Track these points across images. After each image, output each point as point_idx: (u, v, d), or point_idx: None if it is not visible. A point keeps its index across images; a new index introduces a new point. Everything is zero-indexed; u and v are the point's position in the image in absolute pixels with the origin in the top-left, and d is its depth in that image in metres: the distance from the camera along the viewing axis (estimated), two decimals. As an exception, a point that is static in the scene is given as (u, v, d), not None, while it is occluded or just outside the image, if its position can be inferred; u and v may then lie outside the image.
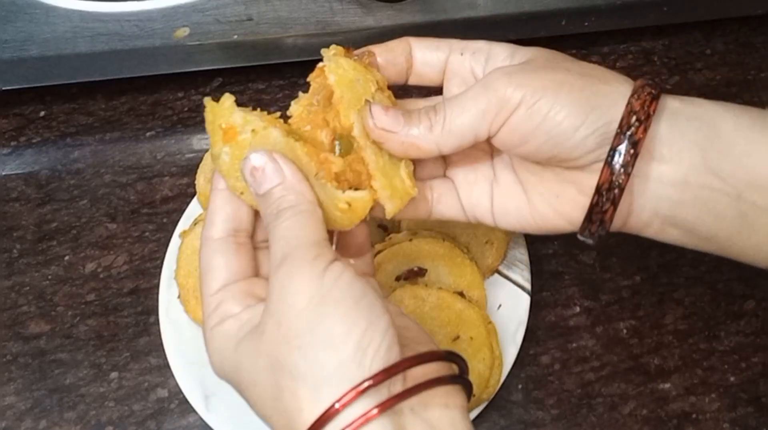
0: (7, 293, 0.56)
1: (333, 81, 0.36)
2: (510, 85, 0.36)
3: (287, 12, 0.56)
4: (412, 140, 0.36)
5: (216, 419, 0.50)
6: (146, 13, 0.54)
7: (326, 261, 0.33)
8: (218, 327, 0.35)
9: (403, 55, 0.41)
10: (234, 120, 0.35)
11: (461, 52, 0.40)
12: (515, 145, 0.37)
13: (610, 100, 0.36)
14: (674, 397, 0.53)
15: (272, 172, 0.34)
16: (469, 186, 0.42)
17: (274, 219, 0.34)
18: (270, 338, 0.32)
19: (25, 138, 0.63)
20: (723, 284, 0.57)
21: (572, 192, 0.38)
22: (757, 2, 0.65)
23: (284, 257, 0.33)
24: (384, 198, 0.36)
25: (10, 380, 0.53)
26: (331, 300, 0.31)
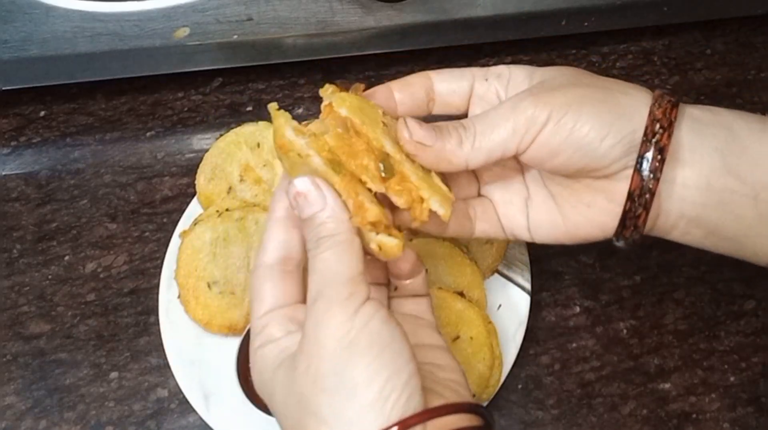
0: (7, 293, 0.56)
1: (346, 113, 0.37)
2: (537, 104, 0.37)
3: (287, 12, 0.56)
4: (445, 154, 0.38)
5: (216, 419, 0.50)
6: (146, 13, 0.54)
7: (359, 301, 0.34)
8: (260, 350, 0.36)
9: (423, 89, 0.42)
10: (286, 139, 0.37)
11: (485, 78, 0.42)
12: (545, 159, 0.39)
13: (632, 110, 0.38)
14: (674, 397, 0.53)
15: (315, 198, 0.35)
16: (505, 205, 0.43)
17: (314, 248, 0.35)
18: (301, 375, 0.33)
19: (25, 138, 0.63)
20: (723, 284, 0.57)
21: (603, 201, 0.40)
22: (757, 2, 0.65)
23: (319, 293, 0.34)
24: (435, 204, 0.37)
25: (10, 380, 0.53)
26: (358, 345, 0.32)
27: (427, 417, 0.33)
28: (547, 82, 0.40)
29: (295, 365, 0.34)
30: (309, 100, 0.65)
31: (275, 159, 0.56)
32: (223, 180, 0.56)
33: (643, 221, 0.39)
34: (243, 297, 0.52)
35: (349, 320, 0.33)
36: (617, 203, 0.39)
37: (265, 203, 0.55)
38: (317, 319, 0.33)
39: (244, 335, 0.50)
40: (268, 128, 0.57)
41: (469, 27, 0.60)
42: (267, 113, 0.63)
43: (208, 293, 0.52)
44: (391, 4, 0.57)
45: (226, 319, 0.52)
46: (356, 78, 0.66)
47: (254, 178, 0.56)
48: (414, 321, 0.41)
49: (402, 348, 0.33)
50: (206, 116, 0.64)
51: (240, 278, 0.52)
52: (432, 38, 0.61)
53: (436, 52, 0.66)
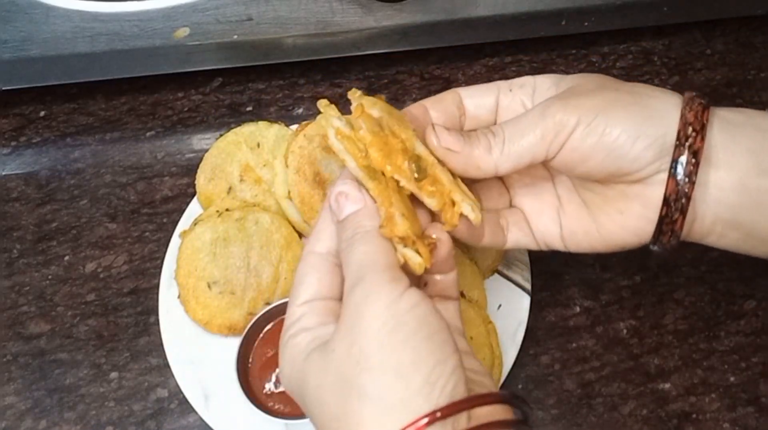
0: (7, 293, 0.56)
1: (378, 113, 0.38)
2: (566, 109, 0.38)
3: (287, 12, 0.56)
4: (474, 160, 0.38)
5: (216, 419, 0.50)
6: (146, 13, 0.54)
7: (403, 286, 0.33)
8: (292, 339, 0.35)
9: (454, 104, 0.43)
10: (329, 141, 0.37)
11: (509, 89, 0.43)
12: (576, 164, 0.38)
13: (662, 111, 0.38)
14: (674, 397, 0.53)
15: (355, 198, 0.36)
16: (537, 214, 0.43)
17: (350, 244, 0.35)
18: (341, 357, 0.32)
19: (25, 138, 0.63)
20: (723, 284, 0.57)
21: (636, 207, 0.39)
22: (757, 2, 0.65)
23: (359, 279, 0.34)
24: (467, 209, 0.37)
25: (10, 380, 0.53)
26: (405, 329, 0.32)
27: (476, 403, 0.32)
28: (576, 88, 0.40)
29: (333, 349, 0.33)
30: (309, 100, 0.65)
31: (275, 159, 0.56)
32: (223, 180, 0.56)
33: (680, 226, 0.39)
34: (243, 297, 0.52)
35: (394, 303, 0.32)
36: (652, 209, 0.39)
37: (265, 203, 0.55)
38: (359, 300, 0.33)
39: (244, 335, 0.50)
40: (268, 128, 0.57)
41: (469, 27, 0.60)
42: (267, 113, 0.64)
43: (208, 293, 0.52)
44: (391, 4, 0.57)
45: (226, 319, 0.52)
46: (356, 78, 0.66)
47: (254, 178, 0.56)
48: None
49: (448, 337, 0.33)
50: (206, 116, 0.64)
51: (240, 278, 0.52)
52: (432, 38, 0.61)
53: (436, 52, 0.66)
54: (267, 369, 0.50)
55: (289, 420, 0.49)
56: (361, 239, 0.35)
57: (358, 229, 0.35)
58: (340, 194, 0.37)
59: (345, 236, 0.36)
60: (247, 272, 0.52)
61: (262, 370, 0.50)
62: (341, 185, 0.37)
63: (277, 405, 0.50)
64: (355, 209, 0.36)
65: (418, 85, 0.65)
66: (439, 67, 0.67)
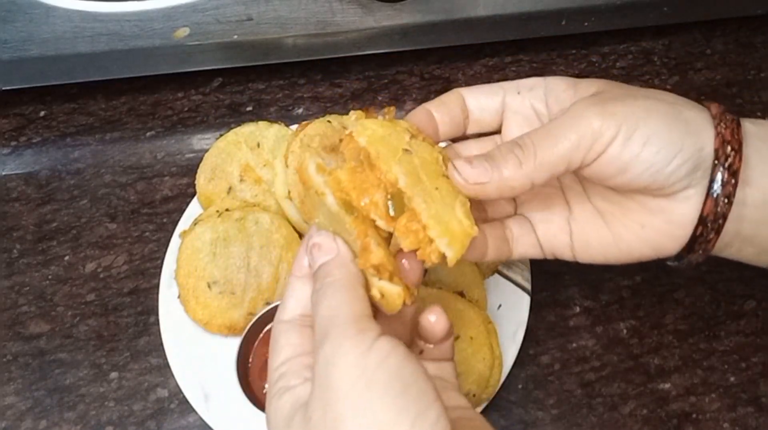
0: (7, 293, 0.56)
1: (365, 142, 0.36)
2: (604, 116, 0.35)
3: (287, 12, 0.56)
4: (506, 182, 0.36)
5: (216, 419, 0.50)
6: (146, 13, 0.54)
7: (371, 337, 0.31)
8: (275, 400, 0.34)
9: (458, 107, 0.41)
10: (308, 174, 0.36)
11: (517, 91, 0.41)
12: (611, 175, 0.37)
13: (698, 126, 0.36)
14: (674, 397, 0.53)
15: (327, 249, 0.35)
16: (545, 223, 0.42)
17: (317, 297, 0.34)
18: (317, 423, 0.31)
19: (25, 138, 0.63)
20: (723, 284, 0.57)
21: (658, 222, 0.38)
22: (757, 2, 0.65)
23: (325, 334, 0.32)
24: (443, 245, 0.34)
25: (10, 380, 0.53)
26: (377, 384, 0.30)
27: None
28: (606, 94, 0.38)
29: (309, 415, 0.31)
30: (309, 100, 0.65)
31: (275, 159, 0.56)
32: (223, 180, 0.56)
33: (713, 245, 0.37)
34: (243, 297, 0.52)
35: (363, 357, 0.30)
36: (676, 225, 0.38)
37: (264, 203, 0.55)
38: (326, 358, 0.31)
39: (244, 335, 0.50)
40: (268, 128, 0.57)
41: (469, 27, 0.60)
42: (267, 113, 0.64)
43: (208, 293, 0.52)
44: (391, 4, 0.57)
45: (226, 319, 0.52)
46: (356, 78, 0.66)
47: (254, 178, 0.56)
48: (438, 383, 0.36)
49: (426, 387, 0.31)
50: (206, 116, 0.64)
51: (240, 278, 0.52)
52: (432, 38, 0.61)
53: (436, 52, 0.66)
54: (267, 369, 0.50)
55: (289, 420, 0.49)
56: (328, 289, 0.34)
57: (326, 278, 0.34)
58: (314, 246, 0.35)
59: (315, 289, 0.35)
60: (247, 272, 0.52)
61: (262, 370, 0.50)
62: (316, 237, 0.36)
63: (277, 405, 0.50)
64: (326, 259, 0.35)
65: (418, 85, 0.65)
66: (439, 67, 0.67)
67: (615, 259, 0.40)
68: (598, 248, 0.40)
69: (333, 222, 0.36)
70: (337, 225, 0.36)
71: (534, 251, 0.42)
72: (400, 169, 0.35)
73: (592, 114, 0.36)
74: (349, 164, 0.36)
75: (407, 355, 0.31)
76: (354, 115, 0.39)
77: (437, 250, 0.34)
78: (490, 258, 0.41)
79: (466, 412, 0.37)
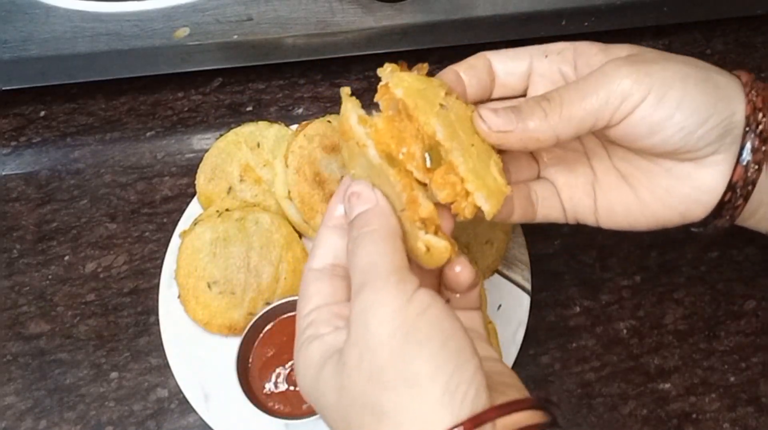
0: (7, 293, 0.56)
1: (401, 94, 0.35)
2: (637, 75, 0.35)
3: (287, 12, 0.56)
4: (530, 133, 0.36)
5: (216, 419, 0.50)
6: (146, 13, 0.54)
7: (411, 288, 0.31)
8: (304, 349, 0.34)
9: (485, 70, 0.40)
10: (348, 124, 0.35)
11: (545, 54, 0.40)
12: (640, 136, 0.36)
13: (730, 92, 0.36)
14: (674, 397, 0.53)
15: (366, 198, 0.35)
16: (569, 187, 0.41)
17: (355, 245, 0.33)
18: (352, 372, 0.31)
19: (25, 138, 0.63)
20: (723, 284, 0.57)
21: (684, 187, 0.38)
22: (757, 2, 0.65)
23: (364, 283, 0.32)
24: (480, 199, 0.34)
25: (10, 380, 0.53)
26: (417, 336, 0.30)
27: (499, 414, 0.30)
28: (639, 56, 0.37)
29: (344, 361, 0.31)
30: (309, 100, 0.65)
31: (275, 159, 0.56)
32: (223, 180, 0.56)
33: (740, 211, 0.37)
34: (243, 297, 0.52)
35: (404, 307, 0.30)
36: (703, 191, 0.37)
37: (264, 203, 0.55)
38: (365, 306, 0.31)
39: (244, 335, 0.50)
40: (268, 128, 0.57)
41: (469, 27, 0.60)
42: (267, 113, 0.64)
43: (208, 293, 0.52)
44: (391, 4, 0.57)
45: (226, 319, 0.52)
46: (356, 78, 0.66)
47: (254, 178, 0.56)
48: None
49: (465, 341, 0.31)
50: (206, 116, 0.64)
51: (240, 278, 0.52)
52: (432, 38, 0.61)
53: (436, 52, 0.66)
54: (267, 369, 0.50)
55: (289, 420, 0.49)
56: (366, 238, 0.33)
57: (364, 228, 0.34)
58: (352, 194, 0.35)
59: (351, 237, 0.34)
60: (247, 272, 0.52)
61: (262, 370, 0.50)
62: (354, 185, 0.35)
63: (277, 405, 0.50)
64: (365, 208, 0.34)
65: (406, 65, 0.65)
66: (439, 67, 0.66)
67: (640, 224, 0.40)
68: (622, 214, 0.40)
69: (372, 174, 0.35)
70: (376, 178, 0.35)
71: (557, 214, 0.41)
72: (438, 122, 0.35)
73: (624, 73, 0.35)
74: (386, 113, 0.35)
75: (446, 308, 0.31)
76: (389, 68, 0.38)
77: (472, 204, 0.34)
78: (516, 219, 0.40)
79: (496, 365, 0.36)
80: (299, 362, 0.34)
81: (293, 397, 0.50)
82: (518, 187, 0.41)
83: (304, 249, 0.54)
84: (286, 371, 0.50)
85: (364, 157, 0.35)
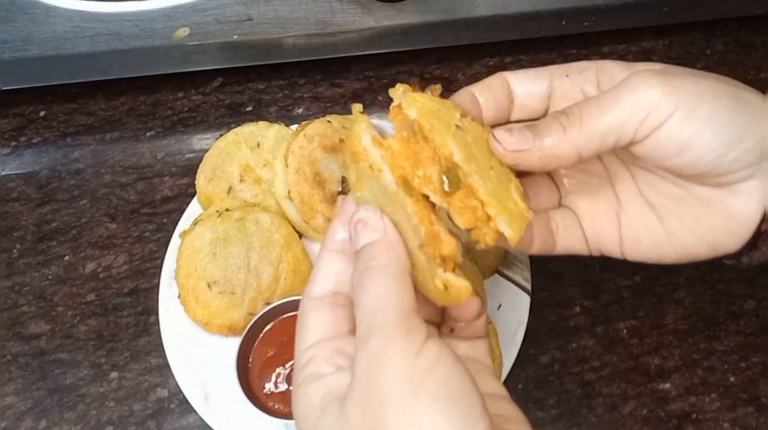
0: (7, 293, 0.56)
1: (415, 115, 0.34)
2: (664, 86, 0.33)
3: (287, 12, 0.56)
4: (549, 151, 0.34)
5: (216, 419, 0.50)
6: (146, 13, 0.54)
7: (420, 339, 0.29)
8: (304, 389, 0.32)
9: (503, 91, 0.38)
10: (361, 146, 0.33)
11: (566, 74, 0.38)
12: (668, 155, 0.34)
13: (763, 112, 0.34)
14: (674, 397, 0.53)
15: (374, 226, 0.32)
16: (592, 215, 0.39)
17: (361, 280, 0.31)
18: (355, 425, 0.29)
19: (25, 138, 0.63)
20: (723, 284, 0.57)
21: (716, 217, 0.36)
22: (757, 2, 0.65)
23: (370, 329, 0.30)
24: (503, 224, 0.32)
25: (10, 380, 0.53)
26: (425, 393, 0.28)
27: None
28: (667, 69, 0.35)
29: (347, 415, 0.29)
30: (309, 100, 0.65)
31: (275, 159, 0.56)
32: (223, 180, 0.56)
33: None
34: (243, 297, 0.52)
35: (412, 362, 0.28)
36: (737, 220, 0.35)
37: (264, 203, 0.55)
38: (372, 358, 0.29)
39: (244, 335, 0.50)
40: (268, 128, 0.57)
41: (469, 27, 0.60)
42: (267, 113, 0.64)
43: (208, 293, 0.52)
44: (391, 4, 0.57)
45: (226, 319, 0.52)
46: (356, 78, 0.66)
47: (254, 178, 0.56)
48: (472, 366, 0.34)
49: (475, 398, 0.29)
50: (206, 116, 0.64)
51: (240, 278, 0.52)
52: (432, 38, 0.61)
53: (436, 52, 0.66)
54: (267, 369, 0.50)
55: (289, 420, 0.49)
56: (374, 274, 0.31)
57: (371, 261, 0.31)
58: (359, 221, 0.32)
59: (358, 269, 0.32)
60: (247, 272, 0.52)
61: (262, 370, 0.50)
62: (362, 211, 0.33)
63: (277, 405, 0.50)
64: (372, 239, 0.32)
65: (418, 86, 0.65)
66: (439, 67, 0.67)
67: (668, 257, 0.37)
68: (649, 245, 0.37)
69: (383, 201, 0.33)
70: (388, 205, 0.33)
71: (579, 246, 0.39)
72: (455, 143, 0.33)
73: (650, 85, 0.33)
74: (400, 134, 0.33)
75: (455, 361, 0.30)
76: (401, 88, 0.36)
77: (494, 230, 0.32)
78: (535, 251, 0.38)
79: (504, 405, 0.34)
80: (298, 401, 0.32)
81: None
82: (538, 215, 0.39)
83: (304, 249, 0.54)
84: (286, 371, 0.50)
85: (375, 182, 0.33)
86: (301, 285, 0.53)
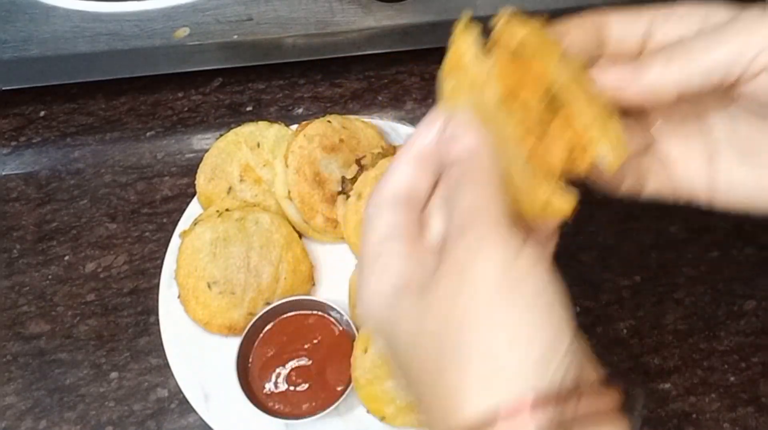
0: (7, 293, 0.56)
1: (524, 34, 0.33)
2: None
3: (287, 12, 0.56)
4: (650, 85, 0.32)
5: (216, 419, 0.50)
6: (146, 13, 0.54)
7: (520, 241, 0.29)
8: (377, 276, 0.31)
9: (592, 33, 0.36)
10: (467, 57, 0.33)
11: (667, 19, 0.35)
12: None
13: None
14: (674, 397, 0.53)
15: (473, 131, 0.31)
16: (685, 161, 0.36)
17: (458, 184, 0.30)
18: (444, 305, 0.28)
19: (25, 138, 0.63)
20: (723, 284, 0.57)
21: None
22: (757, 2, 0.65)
23: (465, 226, 0.29)
24: (605, 150, 0.31)
25: (10, 380, 0.53)
26: (524, 292, 0.28)
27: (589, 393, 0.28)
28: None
29: (428, 301, 0.28)
30: (309, 100, 0.64)
31: (275, 159, 0.56)
32: (223, 180, 0.56)
33: None
34: (243, 297, 0.52)
35: (511, 261, 0.28)
36: None
37: (264, 203, 0.55)
38: (469, 250, 0.28)
39: (244, 335, 0.50)
40: (268, 128, 0.57)
41: (469, 27, 0.60)
42: (267, 113, 0.64)
43: (208, 293, 0.52)
44: (391, 4, 0.57)
45: (226, 319, 0.52)
46: (356, 78, 0.66)
47: (254, 178, 0.56)
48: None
49: (565, 310, 0.28)
50: (206, 116, 0.64)
51: (240, 278, 0.52)
52: (432, 38, 0.61)
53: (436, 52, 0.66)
54: (267, 369, 0.50)
55: (289, 420, 0.49)
56: (474, 176, 0.30)
57: (471, 163, 0.30)
58: (457, 126, 0.31)
59: (453, 173, 0.31)
60: (247, 272, 0.52)
61: (262, 370, 0.50)
62: (462, 116, 0.31)
63: (277, 405, 0.50)
64: (471, 144, 0.31)
65: (418, 85, 0.65)
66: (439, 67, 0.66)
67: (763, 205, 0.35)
68: (742, 191, 0.35)
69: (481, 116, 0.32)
70: (487, 121, 0.32)
71: (667, 190, 0.37)
72: (558, 70, 0.32)
73: (765, 22, 0.30)
74: (502, 56, 0.32)
75: (551, 272, 0.29)
76: (504, 17, 0.35)
77: (591, 155, 0.31)
78: (623, 190, 0.36)
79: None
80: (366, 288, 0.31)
81: (293, 397, 0.50)
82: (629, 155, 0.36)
83: (304, 249, 0.54)
84: (286, 371, 0.50)
85: (473, 96, 0.32)
86: (302, 285, 0.53)
